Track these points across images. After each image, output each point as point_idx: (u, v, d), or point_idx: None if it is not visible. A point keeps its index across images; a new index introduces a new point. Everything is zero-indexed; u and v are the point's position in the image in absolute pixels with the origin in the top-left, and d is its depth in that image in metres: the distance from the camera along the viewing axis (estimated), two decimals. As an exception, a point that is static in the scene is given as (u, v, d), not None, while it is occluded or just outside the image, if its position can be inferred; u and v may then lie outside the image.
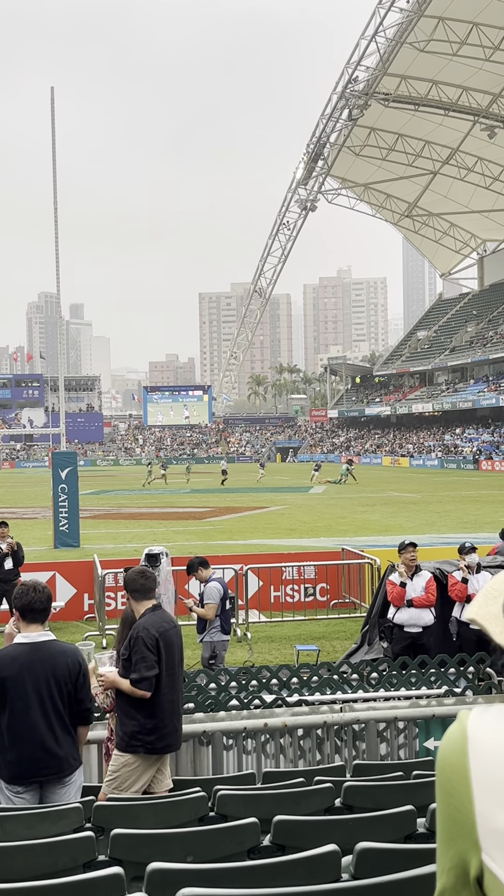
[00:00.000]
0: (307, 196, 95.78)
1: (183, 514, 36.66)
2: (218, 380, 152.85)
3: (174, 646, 5.97)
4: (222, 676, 8.30)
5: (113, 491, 54.73)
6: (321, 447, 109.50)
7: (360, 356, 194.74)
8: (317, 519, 34.28)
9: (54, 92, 27.51)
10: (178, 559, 13.72)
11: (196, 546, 24.38)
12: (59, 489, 26.15)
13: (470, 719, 1.13)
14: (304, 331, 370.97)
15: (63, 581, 16.37)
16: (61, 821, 4.36)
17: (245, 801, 4.67)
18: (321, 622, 16.02)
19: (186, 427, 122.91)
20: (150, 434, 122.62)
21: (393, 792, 4.80)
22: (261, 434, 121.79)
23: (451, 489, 50.92)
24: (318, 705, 7.63)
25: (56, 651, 5.28)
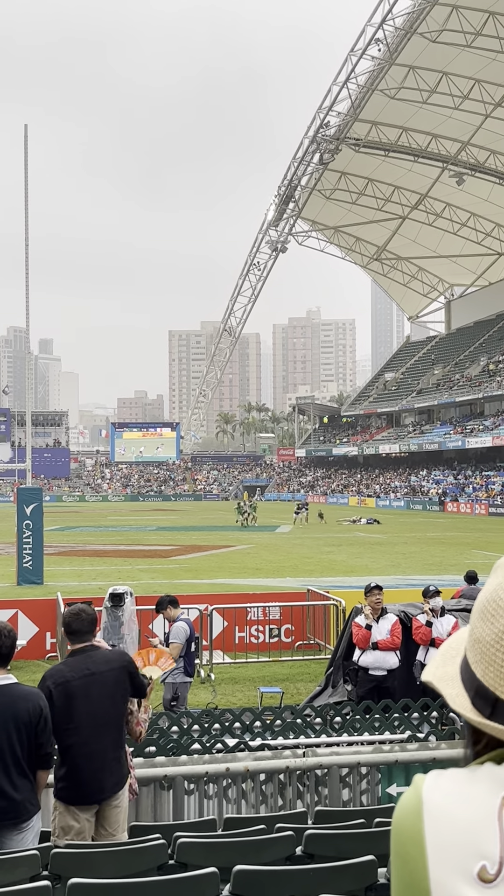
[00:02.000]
0: (278, 237, 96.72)
1: (148, 552, 36.45)
2: (186, 417, 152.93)
3: (84, 696, 5.55)
4: (184, 719, 8.22)
5: (78, 527, 54.35)
6: (288, 486, 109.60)
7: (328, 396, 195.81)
8: (283, 559, 34.21)
9: (28, 129, 27.66)
10: (142, 598, 13.63)
11: (161, 585, 24.21)
12: (23, 525, 25.91)
13: (425, 785, 1.13)
14: (272, 370, 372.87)
15: (25, 619, 16.18)
16: (17, 868, 4.28)
17: (205, 849, 4.61)
18: (286, 664, 15.93)
19: (154, 464, 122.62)
20: (117, 470, 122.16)
21: (354, 840, 4.76)
22: (228, 472, 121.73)
23: (416, 530, 51.08)
24: (280, 750, 7.57)
25: (17, 695, 5.19)
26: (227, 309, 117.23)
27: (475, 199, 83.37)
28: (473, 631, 1.16)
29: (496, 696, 1.10)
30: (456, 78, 65.46)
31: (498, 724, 1.10)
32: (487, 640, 1.12)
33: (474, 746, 1.18)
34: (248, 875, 3.99)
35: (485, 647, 1.13)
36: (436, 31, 60.11)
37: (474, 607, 1.18)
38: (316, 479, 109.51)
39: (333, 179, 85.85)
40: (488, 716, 1.11)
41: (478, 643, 1.15)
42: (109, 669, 5.74)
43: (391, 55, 62.67)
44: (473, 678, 1.15)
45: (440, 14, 58.77)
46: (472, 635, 1.17)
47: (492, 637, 1.12)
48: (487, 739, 1.15)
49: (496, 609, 1.12)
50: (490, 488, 75.29)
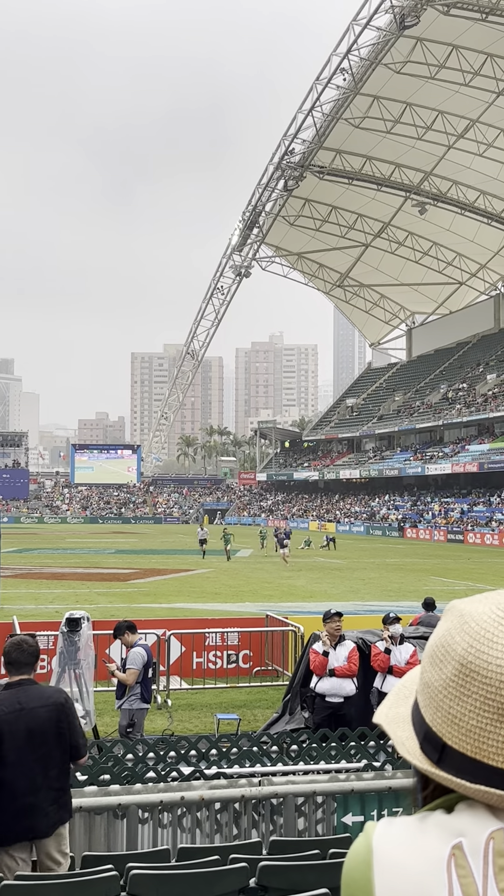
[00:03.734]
0: (241, 262, 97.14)
1: (107, 575, 36.20)
2: (148, 439, 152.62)
3: (11, 732, 5.39)
4: (140, 747, 8.13)
5: (36, 549, 53.87)
6: (249, 510, 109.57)
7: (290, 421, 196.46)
8: (242, 583, 34.14)
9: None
10: (100, 623, 13.52)
11: (119, 609, 24.04)
12: (-20, 547, 25.65)
13: (375, 833, 1.12)
14: (235, 394, 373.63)
15: (-20, 643, 15.97)
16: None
17: (158, 881, 4.55)
18: (243, 690, 15.86)
19: (114, 486, 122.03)
20: (76, 492, 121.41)
21: (308, 872, 4.73)
22: (189, 495, 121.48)
23: (376, 556, 51.25)
24: (236, 778, 7.50)
25: None
26: (191, 332, 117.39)
27: (437, 229, 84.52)
28: (423, 675, 1.16)
29: (444, 742, 1.10)
30: (420, 109, 66.50)
31: (444, 773, 1.09)
32: (436, 686, 1.12)
33: (423, 791, 1.17)
34: (200, 908, 3.94)
35: (433, 692, 1.12)
36: (400, 62, 61.04)
37: (425, 651, 1.17)
38: (277, 504, 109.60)
39: (297, 206, 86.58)
40: (436, 761, 1.11)
41: (427, 687, 1.14)
42: (42, 706, 5.56)
43: (356, 84, 63.47)
44: (423, 722, 1.14)
45: (405, 46, 59.70)
46: (423, 679, 1.16)
47: (440, 683, 1.11)
48: (436, 785, 1.14)
49: (444, 654, 1.12)
50: (449, 515, 75.84)
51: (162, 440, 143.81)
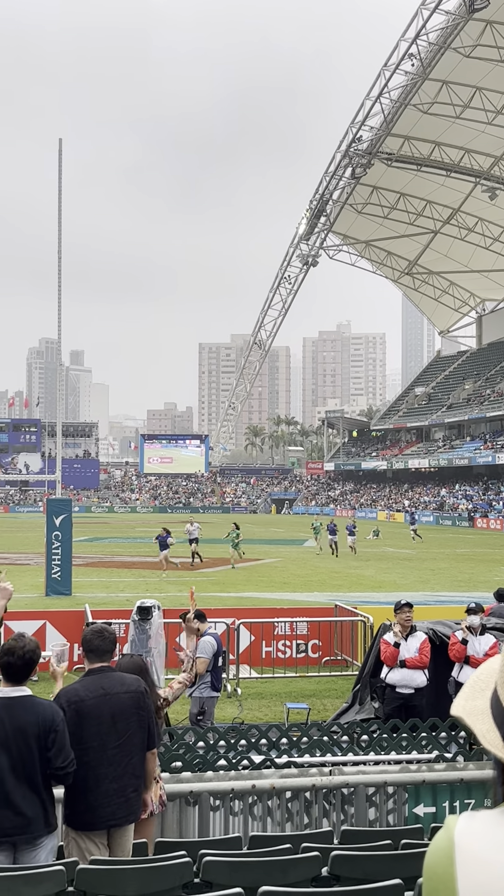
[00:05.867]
0: (309, 251, 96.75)
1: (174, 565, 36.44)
2: (215, 429, 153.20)
3: (96, 717, 5.49)
4: (211, 735, 8.19)
5: (107, 538, 54.51)
6: (316, 500, 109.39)
7: (358, 410, 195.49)
8: (311, 573, 34.12)
9: (62, 144, 27.92)
10: (170, 611, 13.62)
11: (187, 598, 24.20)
12: (52, 536, 26.02)
13: (457, 828, 1.11)
14: (302, 383, 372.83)
15: (53, 630, 16.23)
16: (43, 884, 4.27)
17: (231, 867, 4.59)
18: (312, 679, 15.86)
19: (182, 476, 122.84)
20: (145, 482, 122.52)
21: (381, 863, 4.72)
22: (256, 485, 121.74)
23: (445, 546, 50.77)
24: (307, 768, 7.52)
25: (28, 708, 5.14)
26: (258, 322, 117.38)
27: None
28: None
29: None
30: (489, 93, 65.32)
31: None
32: None
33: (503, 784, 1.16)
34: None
35: None
36: (469, 46, 60.02)
37: None
38: (344, 493, 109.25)
39: (365, 194, 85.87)
40: None
41: None
42: (125, 692, 5.65)
43: (424, 70, 62.64)
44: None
45: (474, 29, 58.72)
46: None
47: None
48: None
49: None
50: (520, 504, 74.80)
51: (229, 430, 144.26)
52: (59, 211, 27.61)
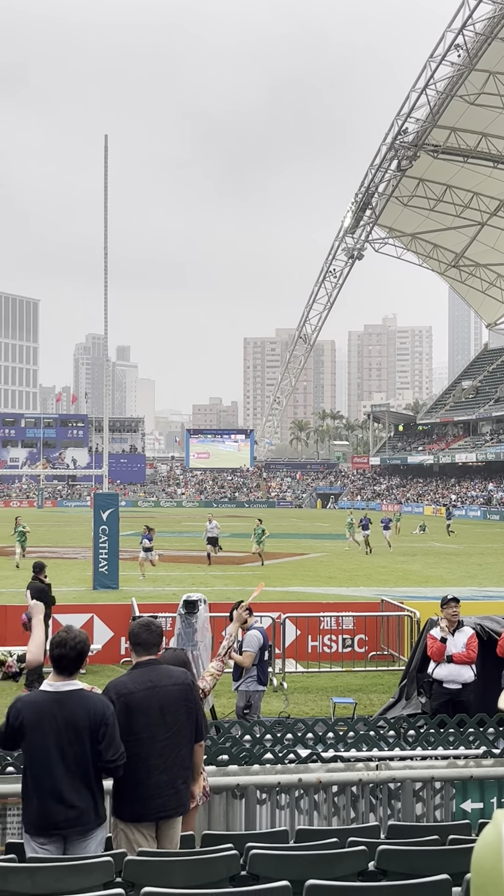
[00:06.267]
0: (354, 245, 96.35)
1: (221, 559, 36.56)
2: (260, 424, 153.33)
3: (145, 709, 5.52)
4: (257, 729, 8.21)
5: (153, 533, 54.75)
6: (362, 494, 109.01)
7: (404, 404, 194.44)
8: (356, 567, 34.03)
9: (108, 140, 28.08)
10: (215, 605, 13.67)
11: (234, 591, 24.28)
12: (100, 530, 26.23)
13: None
14: (347, 377, 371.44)
15: (101, 624, 16.37)
16: (91, 874, 4.32)
17: (277, 861, 4.59)
18: (358, 674, 15.83)
19: (228, 470, 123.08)
20: (191, 476, 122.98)
21: (428, 858, 4.70)
22: (302, 480, 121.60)
23: (493, 541, 50.34)
24: (353, 762, 7.51)
25: (79, 702, 5.20)
26: (303, 316, 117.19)
27: None
28: None
29: None
30: (537, 83, 64.54)
31: None
32: None
33: None
34: (320, 890, 3.96)
35: None
36: (517, 35, 59.33)
37: None
38: (390, 488, 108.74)
39: (411, 186, 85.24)
40: None
41: None
42: (173, 685, 5.69)
43: (471, 61, 62.00)
44: None
45: (521, 18, 58.02)
46: None
47: None
48: None
49: None
50: None
51: (275, 424, 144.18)
52: (105, 207, 27.79)
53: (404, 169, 78.29)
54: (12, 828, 6.87)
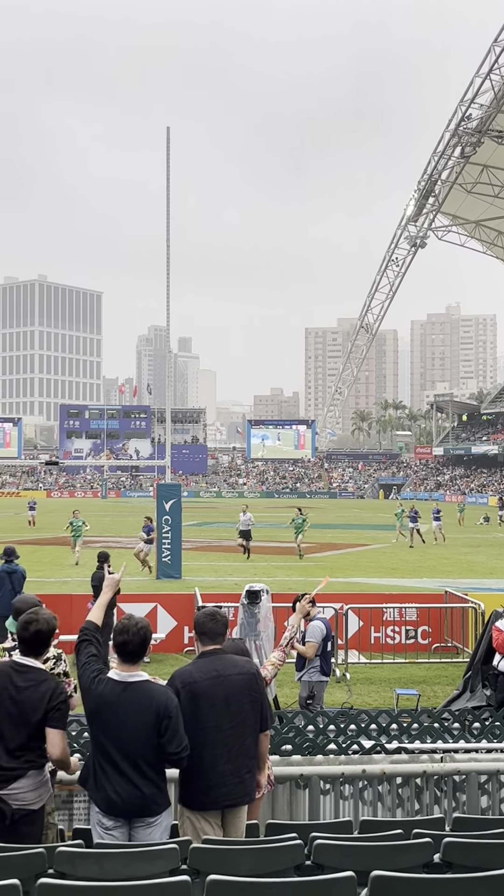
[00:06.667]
0: (417, 233, 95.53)
1: (284, 549, 36.60)
2: (322, 414, 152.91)
3: (210, 698, 5.54)
4: (320, 719, 8.21)
5: (215, 523, 55.06)
6: (425, 485, 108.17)
7: (468, 393, 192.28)
8: (419, 559, 33.81)
9: (170, 132, 28.18)
10: (278, 595, 13.68)
11: (296, 582, 24.30)
12: (162, 520, 26.44)
13: None
14: (410, 367, 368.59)
15: (164, 613, 16.51)
16: (157, 861, 4.35)
17: (342, 851, 4.59)
18: (422, 666, 15.74)
19: (289, 461, 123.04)
20: (252, 467, 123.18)
21: (495, 851, 4.65)
22: (364, 470, 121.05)
23: None
24: (417, 754, 7.46)
25: (145, 692, 5.25)
26: (365, 305, 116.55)
27: None
28: None
29: None
30: None
31: None
32: None
33: None
34: (386, 881, 3.95)
35: None
36: None
37: None
38: (454, 478, 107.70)
39: (475, 173, 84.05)
40: None
41: None
42: (238, 674, 5.69)
43: (536, 43, 61.03)
44: None
45: None
46: None
47: None
48: None
49: None
50: None
51: (336, 415, 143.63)
52: (168, 199, 27.89)
53: (468, 156, 77.28)
54: (79, 814, 6.98)
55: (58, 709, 5.31)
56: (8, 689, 5.27)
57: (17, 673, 5.34)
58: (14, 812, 5.15)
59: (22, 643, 5.48)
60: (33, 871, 4.25)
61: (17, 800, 5.18)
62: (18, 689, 5.27)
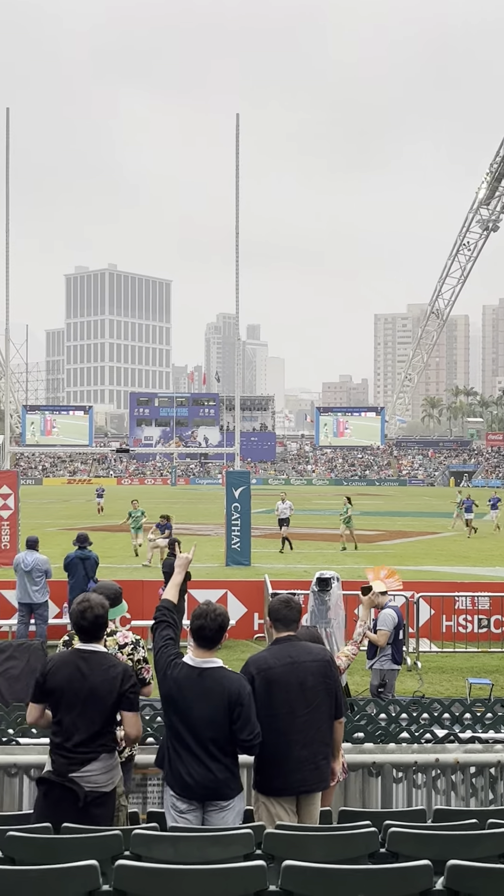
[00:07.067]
0: (489, 216, 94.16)
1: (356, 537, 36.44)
2: (391, 401, 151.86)
3: (284, 684, 5.54)
4: (392, 707, 8.17)
5: (284, 510, 54.97)
6: (497, 472, 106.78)
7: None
8: (492, 547, 33.41)
9: (239, 119, 28.16)
10: (348, 583, 13.63)
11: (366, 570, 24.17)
12: (232, 507, 26.54)
13: None
14: (481, 352, 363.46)
15: (234, 600, 16.58)
16: (232, 845, 4.38)
17: (417, 840, 4.56)
18: (495, 655, 15.56)
19: (358, 448, 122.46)
20: (321, 454, 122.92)
21: None
22: (434, 458, 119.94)
23: None
24: (492, 744, 7.39)
25: (218, 679, 5.30)
26: (435, 291, 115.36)
27: None
28: None
29: None
30: None
31: None
32: None
33: None
34: (462, 870, 3.92)
35: None
36: None
37: None
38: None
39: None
40: None
41: None
42: (312, 661, 5.70)
43: None
44: None
45: None
46: None
47: None
48: None
49: None
50: None
51: (406, 402, 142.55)
52: (237, 185, 27.89)
53: (541, 137, 75.83)
54: (153, 797, 7.07)
55: (131, 691, 5.40)
56: (78, 676, 5.35)
57: (83, 660, 5.41)
58: (87, 794, 5.25)
59: (81, 631, 5.54)
60: (110, 852, 4.32)
61: (89, 782, 5.28)
62: (88, 675, 5.35)
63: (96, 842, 4.43)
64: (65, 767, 5.30)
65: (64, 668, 5.40)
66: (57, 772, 5.32)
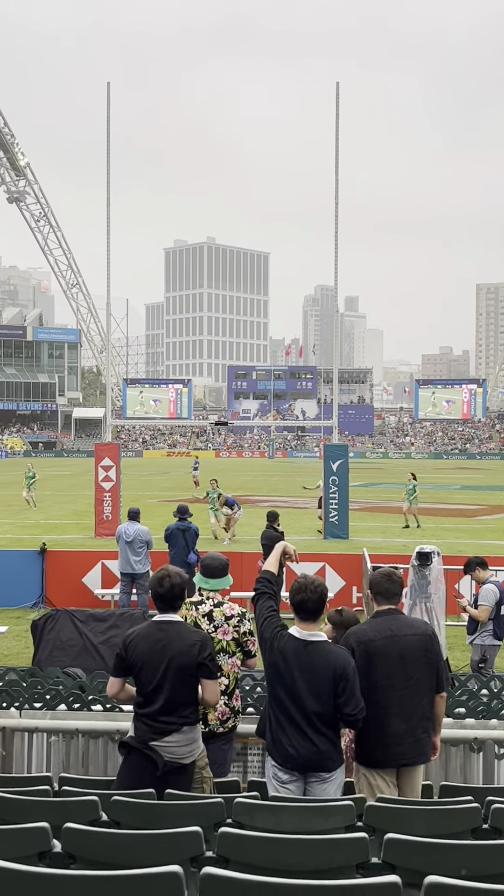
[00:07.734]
0: None
1: (453, 511, 36.05)
2: (493, 373, 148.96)
3: (385, 657, 5.54)
4: (494, 682, 8.07)
5: (382, 484, 54.70)
6: None
7: None
8: None
9: (339, 87, 27.80)
10: (448, 558, 13.46)
11: (466, 545, 23.89)
12: (330, 481, 26.47)
13: None
14: None
15: (332, 573, 16.57)
16: (333, 817, 4.40)
17: (521, 817, 4.51)
18: None
19: (458, 421, 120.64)
20: (420, 427, 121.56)
21: None
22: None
23: None
24: None
25: (323, 652, 5.32)
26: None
27: None
28: None
29: None
30: None
31: None
32: None
33: None
34: None
35: None
36: None
37: None
38: None
39: None
40: None
41: None
42: (413, 634, 5.68)
43: None
44: None
45: None
46: None
47: None
48: None
49: None
50: None
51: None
52: (336, 156, 27.57)
53: None
54: (253, 766, 7.14)
55: (210, 659, 5.45)
56: (158, 648, 5.42)
57: (162, 631, 5.47)
58: (165, 763, 5.33)
59: (159, 600, 5.58)
60: (212, 819, 4.38)
61: (168, 752, 5.36)
62: (168, 646, 5.40)
63: (199, 809, 4.50)
64: (146, 735, 5.40)
65: (144, 641, 5.47)
66: (139, 738, 5.43)
